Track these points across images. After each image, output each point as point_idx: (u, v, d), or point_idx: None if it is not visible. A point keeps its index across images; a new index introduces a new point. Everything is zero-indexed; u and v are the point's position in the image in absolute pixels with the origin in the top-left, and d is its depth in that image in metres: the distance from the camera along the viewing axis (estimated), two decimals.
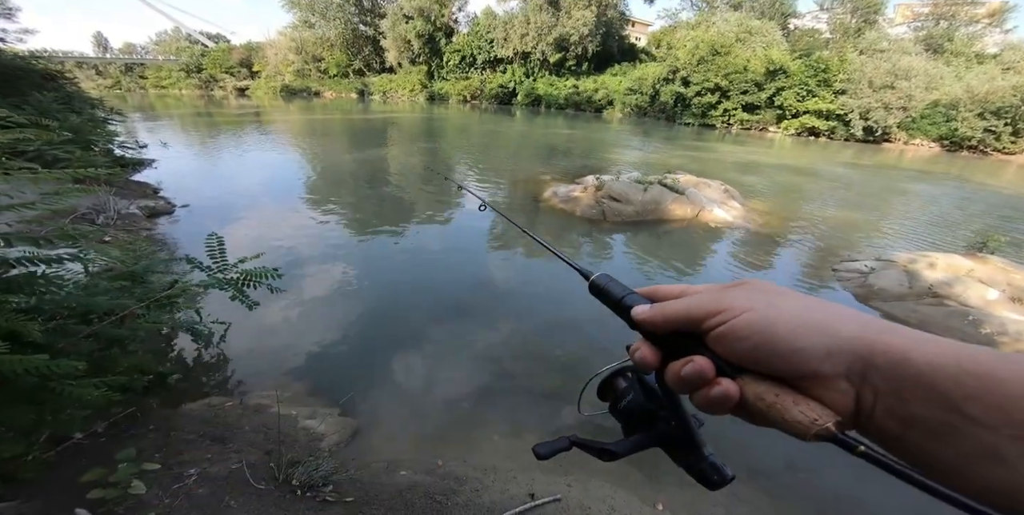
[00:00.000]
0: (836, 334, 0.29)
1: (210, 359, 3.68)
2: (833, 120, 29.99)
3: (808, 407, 0.28)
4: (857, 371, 0.28)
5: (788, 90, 30.63)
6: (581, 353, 4.03)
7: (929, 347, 0.27)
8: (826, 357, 0.28)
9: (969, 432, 0.24)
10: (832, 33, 42.11)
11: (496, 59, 44.45)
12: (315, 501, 2.18)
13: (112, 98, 17.52)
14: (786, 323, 0.30)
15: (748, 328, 0.31)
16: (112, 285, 2.20)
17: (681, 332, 0.34)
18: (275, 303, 4.53)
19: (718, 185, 9.67)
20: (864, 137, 29.45)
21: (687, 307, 0.35)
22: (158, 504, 1.96)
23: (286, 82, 50.12)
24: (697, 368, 0.31)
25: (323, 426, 2.92)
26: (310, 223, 7.44)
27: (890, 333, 0.28)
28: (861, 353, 0.28)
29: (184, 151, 13.81)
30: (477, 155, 16.10)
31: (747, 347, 0.30)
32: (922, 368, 0.26)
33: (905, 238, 8.31)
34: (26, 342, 1.61)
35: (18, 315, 1.54)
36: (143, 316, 2.25)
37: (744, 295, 0.33)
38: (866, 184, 14.43)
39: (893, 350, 0.27)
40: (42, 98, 7.68)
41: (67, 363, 1.52)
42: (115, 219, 6.19)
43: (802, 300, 0.32)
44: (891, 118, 28.34)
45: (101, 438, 2.34)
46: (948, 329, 4.72)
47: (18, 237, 1.60)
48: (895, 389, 0.26)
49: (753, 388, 0.30)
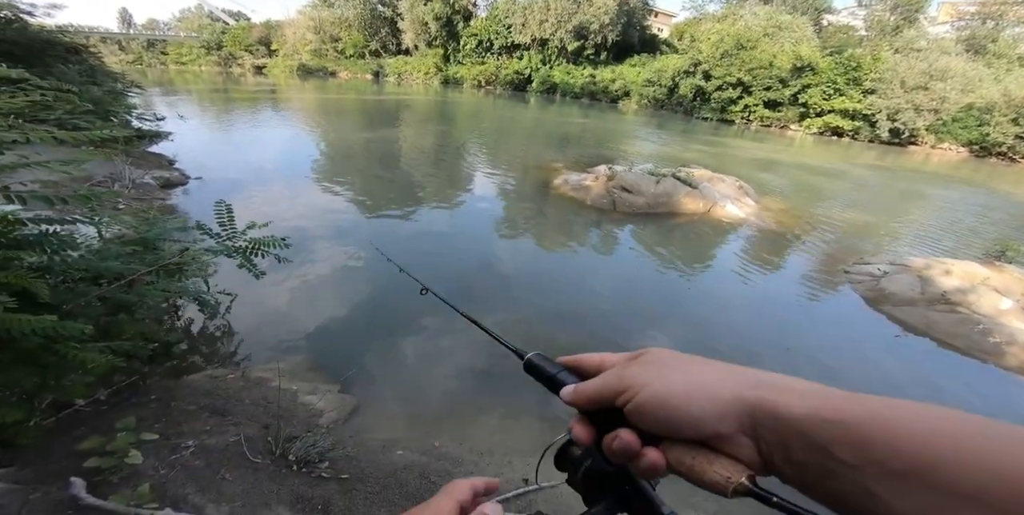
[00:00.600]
0: (717, 397, 0.31)
1: (215, 330, 3.74)
2: (859, 120, 29.06)
3: (722, 465, 0.30)
4: (748, 426, 0.30)
5: (814, 88, 29.64)
6: (585, 343, 4.03)
7: (791, 398, 0.29)
8: (720, 419, 0.31)
9: (843, 473, 0.25)
10: (868, 30, 40.52)
11: (513, 45, 43.61)
12: (310, 477, 2.19)
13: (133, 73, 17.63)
14: (676, 396, 0.32)
15: (649, 404, 0.33)
16: (123, 250, 2.23)
17: (606, 408, 0.36)
18: (281, 278, 4.59)
19: (732, 181, 9.49)
20: (889, 139, 28.53)
21: (598, 389, 0.37)
22: (153, 475, 1.96)
23: (303, 61, 49.96)
24: (623, 442, 0.33)
25: (322, 402, 2.94)
26: (319, 201, 7.48)
27: (760, 387, 0.31)
28: (743, 411, 0.30)
29: (200, 125, 13.91)
30: (489, 140, 15.97)
31: (653, 421, 0.33)
32: (790, 420, 0.28)
33: (922, 243, 8.11)
34: (35, 303, 1.64)
35: (29, 273, 1.56)
36: (152, 283, 2.29)
37: (641, 371, 0.35)
38: (887, 187, 14.07)
39: (766, 405, 0.29)
40: (66, 70, 7.80)
41: (74, 325, 1.54)
42: (130, 188, 6.29)
43: (687, 366, 0.35)
44: (920, 120, 27.35)
45: (103, 406, 2.35)
46: (956, 336, 4.64)
47: (33, 196, 1.62)
48: (780, 439, 0.28)
49: (673, 453, 0.32)
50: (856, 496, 0.25)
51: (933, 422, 0.25)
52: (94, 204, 2.01)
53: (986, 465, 0.22)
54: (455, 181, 9.80)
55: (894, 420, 0.25)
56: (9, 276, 1.45)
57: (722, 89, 31.46)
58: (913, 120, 27.35)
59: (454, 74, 46.25)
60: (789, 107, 31.03)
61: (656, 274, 5.82)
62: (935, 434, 0.24)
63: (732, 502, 0.31)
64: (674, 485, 0.39)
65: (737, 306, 5.15)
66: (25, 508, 1.67)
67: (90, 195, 1.82)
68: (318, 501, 2.05)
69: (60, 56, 8.39)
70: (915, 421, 0.25)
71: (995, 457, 0.22)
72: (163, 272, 2.25)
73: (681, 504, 2.48)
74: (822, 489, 0.27)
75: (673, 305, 5.08)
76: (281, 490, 2.06)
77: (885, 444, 0.24)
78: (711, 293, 5.46)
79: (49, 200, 1.61)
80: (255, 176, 8.61)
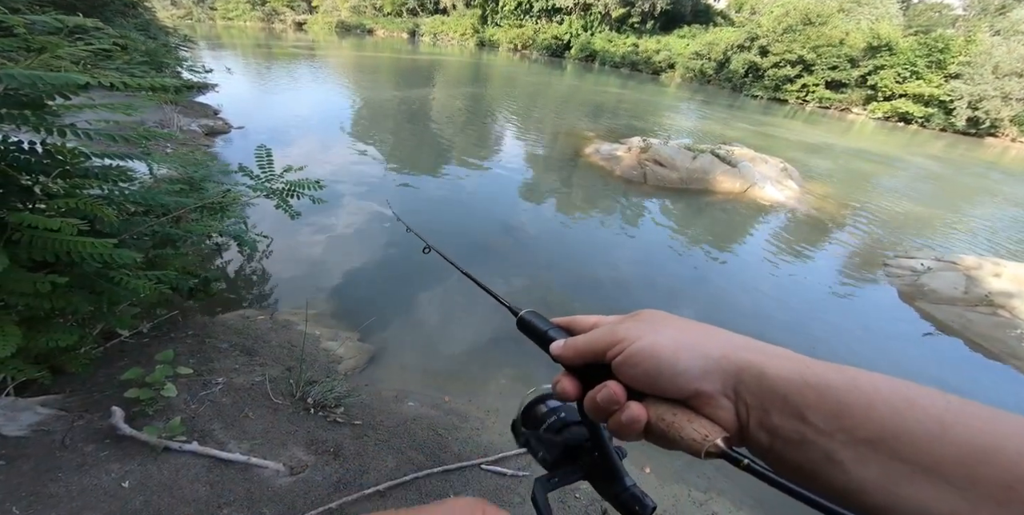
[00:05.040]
0: (707, 354, 0.31)
1: (250, 273, 3.99)
2: (933, 106, 26.44)
3: (700, 425, 0.30)
4: (730, 387, 0.30)
5: (888, 69, 26.99)
6: (599, 309, 4.04)
7: (780, 362, 0.29)
8: (703, 376, 0.31)
9: (813, 439, 0.26)
10: (966, 10, 35.91)
11: (554, 8, 41.21)
12: (325, 421, 2.27)
13: (183, 27, 17.91)
14: (665, 348, 0.32)
15: (638, 355, 0.33)
16: (172, 188, 2.40)
17: (593, 364, 0.36)
18: (309, 227, 4.80)
19: (776, 162, 8.97)
20: (965, 128, 25.94)
21: (589, 341, 0.37)
22: (184, 408, 2.07)
23: (342, 18, 49.37)
24: (610, 392, 0.33)
25: (342, 349, 3.08)
26: (351, 155, 7.63)
27: (750, 350, 0.31)
28: (729, 370, 0.30)
29: (243, 78, 14.15)
30: (522, 105, 15.56)
31: (640, 372, 0.33)
32: (775, 381, 0.28)
33: (977, 242, 7.54)
34: (95, 231, 1.80)
35: (96, 200, 1.72)
36: (197, 220, 2.47)
37: (635, 325, 0.35)
38: (951, 179, 12.95)
39: (754, 366, 0.29)
40: (124, 24, 8.11)
41: (128, 253, 1.68)
42: (178, 134, 6.61)
43: (681, 325, 0.35)
44: (1006, 110, 24.62)
45: (144, 339, 2.51)
46: (990, 339, 4.41)
47: (99, 133, 1.76)
48: (760, 402, 0.29)
49: (655, 410, 0.32)
50: (821, 464, 0.25)
51: (909, 394, 0.25)
52: (146, 145, 2.15)
53: (950, 439, 0.23)
54: (483, 143, 9.71)
55: (872, 390, 0.25)
56: (79, 202, 1.60)
57: (779, 66, 29.12)
58: (998, 109, 24.67)
59: (490, 36, 44.58)
60: (855, 89, 28.48)
61: (681, 250, 5.71)
62: (910, 406, 0.24)
63: (725, 477, 0.29)
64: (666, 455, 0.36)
65: (761, 289, 5.03)
66: (69, 435, 1.82)
67: (148, 135, 1.95)
68: (331, 444, 2.14)
69: (119, 10, 8.77)
70: (892, 392, 0.25)
71: (962, 433, 0.23)
72: (207, 210, 2.41)
73: (674, 478, 2.50)
74: (791, 457, 0.27)
75: (694, 283, 5.01)
76: (298, 431, 2.16)
77: (859, 411, 0.25)
78: (736, 274, 5.34)
79: (112, 137, 1.75)
80: (293, 128, 8.84)
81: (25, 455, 1.72)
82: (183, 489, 1.75)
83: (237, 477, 1.86)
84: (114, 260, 1.64)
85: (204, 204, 2.32)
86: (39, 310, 1.63)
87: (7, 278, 1.47)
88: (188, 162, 2.77)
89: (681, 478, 2.51)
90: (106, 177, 1.91)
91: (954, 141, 23.38)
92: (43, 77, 1.33)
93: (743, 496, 2.46)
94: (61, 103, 1.58)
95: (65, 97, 1.55)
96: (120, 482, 1.70)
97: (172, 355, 2.07)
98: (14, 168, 1.57)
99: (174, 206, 2.15)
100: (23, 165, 1.61)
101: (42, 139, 1.64)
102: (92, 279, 1.79)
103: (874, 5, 29.47)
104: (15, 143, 1.59)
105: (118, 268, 1.80)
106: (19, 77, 1.29)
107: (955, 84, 25.43)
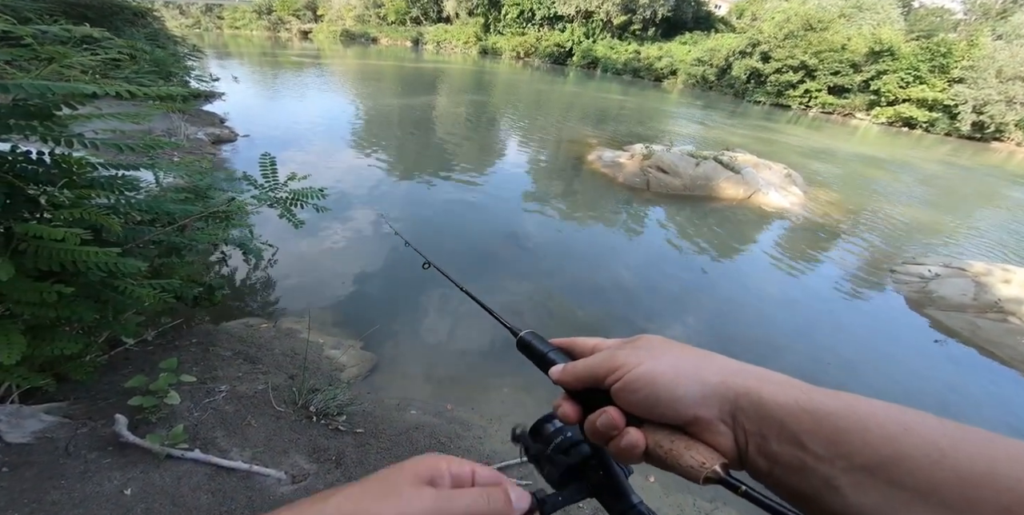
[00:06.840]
0: (705, 380, 0.31)
1: (254, 281, 4.00)
2: (937, 111, 26.31)
3: (698, 451, 0.30)
4: (728, 413, 0.30)
5: (891, 74, 26.92)
6: (602, 318, 4.05)
7: (777, 388, 0.29)
8: (701, 402, 0.31)
9: (812, 466, 0.26)
10: (967, 14, 36.04)
11: (556, 16, 41.64)
12: (327, 429, 2.27)
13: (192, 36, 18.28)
14: (663, 374, 0.32)
15: (637, 382, 0.33)
16: (178, 196, 2.42)
17: (593, 388, 0.36)
18: (313, 236, 4.82)
19: (780, 168, 8.95)
20: (970, 133, 25.78)
21: (588, 367, 0.37)
22: (187, 416, 2.08)
23: (346, 27, 50.17)
24: (609, 418, 0.34)
25: (345, 357, 3.06)
26: (355, 163, 7.69)
27: (748, 376, 0.31)
28: (727, 396, 0.30)
29: (249, 87, 14.35)
30: (524, 112, 15.65)
31: (639, 399, 0.33)
32: (772, 407, 0.28)
33: (986, 248, 7.46)
34: (100, 241, 1.81)
35: (101, 210, 1.73)
36: (202, 228, 2.48)
37: (633, 352, 0.35)
38: (957, 184, 12.86)
39: (751, 392, 0.29)
40: (134, 33, 8.30)
41: (132, 262, 1.69)
42: (184, 142, 6.69)
43: (679, 351, 0.35)
44: (1011, 114, 24.48)
45: (149, 346, 2.51)
46: (1000, 346, 4.35)
47: (105, 143, 1.78)
48: (758, 428, 0.29)
49: (653, 436, 0.32)
50: (820, 490, 0.25)
51: (906, 420, 0.25)
52: (154, 154, 2.17)
53: (947, 464, 0.23)
54: (486, 150, 9.75)
55: (869, 415, 0.26)
56: (85, 212, 1.62)
57: (781, 72, 29.15)
58: (1003, 113, 24.54)
59: (493, 44, 45.07)
60: (858, 94, 28.43)
61: (684, 257, 5.69)
62: (906, 432, 0.24)
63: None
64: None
65: (766, 296, 4.99)
66: (72, 442, 1.83)
67: (154, 144, 1.97)
68: (333, 452, 2.14)
69: (128, 19, 8.95)
70: (888, 418, 0.25)
71: (960, 458, 0.23)
72: (212, 218, 2.43)
73: (678, 486, 2.46)
74: (790, 483, 0.27)
75: (698, 289, 4.98)
76: (300, 439, 2.16)
77: (856, 437, 0.25)
78: (740, 281, 5.30)
79: (119, 147, 1.77)
80: (298, 137, 8.93)
81: (29, 462, 1.72)
82: (185, 497, 1.74)
83: (239, 485, 1.85)
84: (119, 269, 1.65)
85: (209, 213, 2.34)
86: (44, 319, 1.63)
87: (13, 287, 1.48)
88: (194, 170, 2.80)
89: (686, 488, 2.45)
90: (112, 187, 1.93)
91: (959, 146, 23.25)
92: (52, 87, 1.35)
93: (748, 507, 2.38)
94: (69, 113, 1.60)
95: (72, 107, 1.56)
96: (122, 489, 1.70)
97: (176, 363, 2.07)
98: (21, 178, 1.59)
99: (180, 214, 2.17)
100: (30, 175, 1.63)
101: (50, 149, 1.66)
102: (97, 288, 1.80)
103: (875, 10, 29.59)
104: (23, 153, 1.61)
105: (123, 277, 1.80)
106: (28, 88, 1.31)
107: (959, 88, 25.33)
